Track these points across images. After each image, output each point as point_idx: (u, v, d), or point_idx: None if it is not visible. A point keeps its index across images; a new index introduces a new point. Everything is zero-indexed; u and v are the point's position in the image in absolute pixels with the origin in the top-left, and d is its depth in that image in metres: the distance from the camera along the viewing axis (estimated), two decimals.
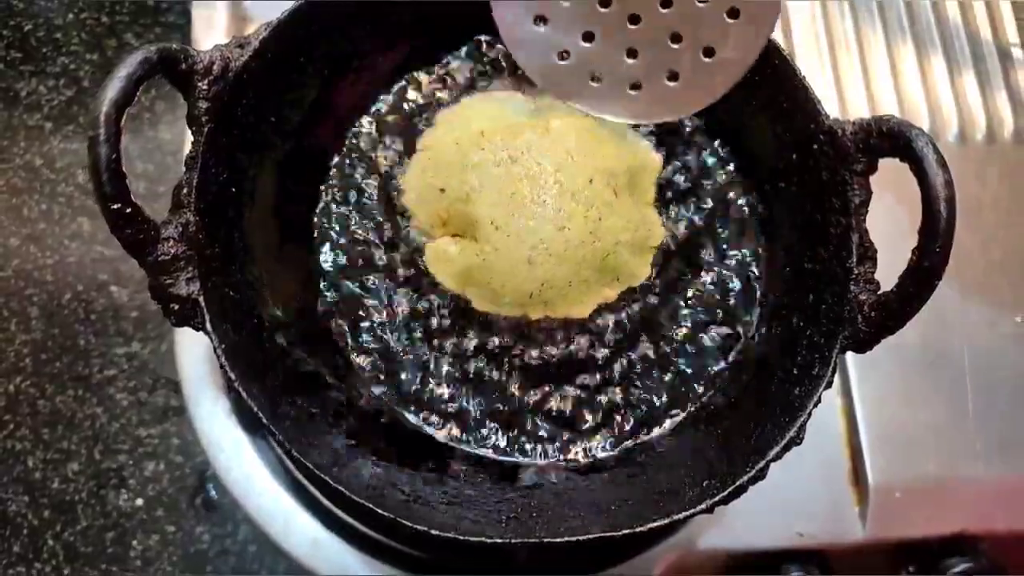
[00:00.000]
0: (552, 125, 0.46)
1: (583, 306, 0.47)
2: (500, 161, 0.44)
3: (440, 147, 0.47)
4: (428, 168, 0.47)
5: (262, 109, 0.44)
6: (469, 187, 0.44)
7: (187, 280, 0.38)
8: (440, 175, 0.46)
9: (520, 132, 0.45)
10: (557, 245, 0.44)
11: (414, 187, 0.48)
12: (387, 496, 0.39)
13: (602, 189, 0.45)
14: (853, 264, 0.40)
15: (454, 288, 0.47)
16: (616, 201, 0.46)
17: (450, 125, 0.49)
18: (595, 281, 0.46)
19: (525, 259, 0.44)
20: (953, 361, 0.60)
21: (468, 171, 0.45)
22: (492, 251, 0.44)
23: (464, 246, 0.46)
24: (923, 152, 0.36)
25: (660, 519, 0.37)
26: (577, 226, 0.44)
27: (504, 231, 0.44)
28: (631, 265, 0.47)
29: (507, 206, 0.44)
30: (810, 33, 0.68)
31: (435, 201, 0.46)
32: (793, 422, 0.39)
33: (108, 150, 0.34)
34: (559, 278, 0.45)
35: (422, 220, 0.47)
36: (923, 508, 0.57)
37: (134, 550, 0.64)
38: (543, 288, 0.45)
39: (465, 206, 0.45)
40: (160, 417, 0.66)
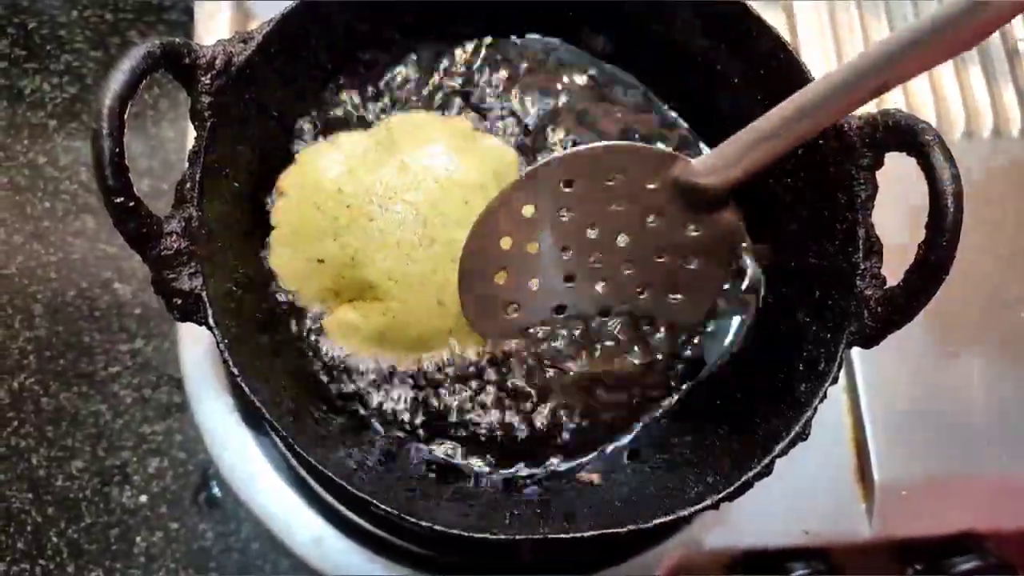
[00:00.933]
0: (405, 160, 0.44)
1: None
2: (371, 214, 0.43)
3: (300, 217, 0.44)
4: (296, 243, 0.44)
5: (265, 104, 0.44)
6: (352, 250, 0.43)
7: (190, 275, 0.38)
8: (313, 247, 0.44)
9: (378, 176, 0.43)
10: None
11: (287, 266, 0.44)
12: (391, 492, 0.39)
13: (480, 205, 0.43)
14: (859, 259, 0.40)
15: (370, 353, 0.44)
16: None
17: (300, 189, 0.45)
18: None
19: (435, 302, 0.43)
20: (960, 357, 0.59)
21: (343, 234, 0.43)
22: (399, 306, 0.43)
23: (366, 310, 0.44)
24: (930, 146, 0.36)
25: (665, 516, 0.37)
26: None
27: (404, 282, 0.42)
28: None
29: (397, 256, 0.42)
30: (816, 27, 0.67)
31: (317, 275, 0.44)
32: (799, 418, 0.38)
33: (111, 143, 0.34)
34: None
35: (309, 297, 0.45)
36: (929, 506, 0.56)
37: (138, 547, 0.64)
38: (459, 320, 0.43)
39: (354, 271, 0.43)
40: (164, 414, 0.66)
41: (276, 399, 0.39)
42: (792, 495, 0.56)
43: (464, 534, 0.36)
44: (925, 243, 0.35)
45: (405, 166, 0.44)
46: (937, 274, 0.35)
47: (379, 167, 0.44)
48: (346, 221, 0.43)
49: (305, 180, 0.45)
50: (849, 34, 0.67)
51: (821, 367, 0.39)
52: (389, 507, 0.36)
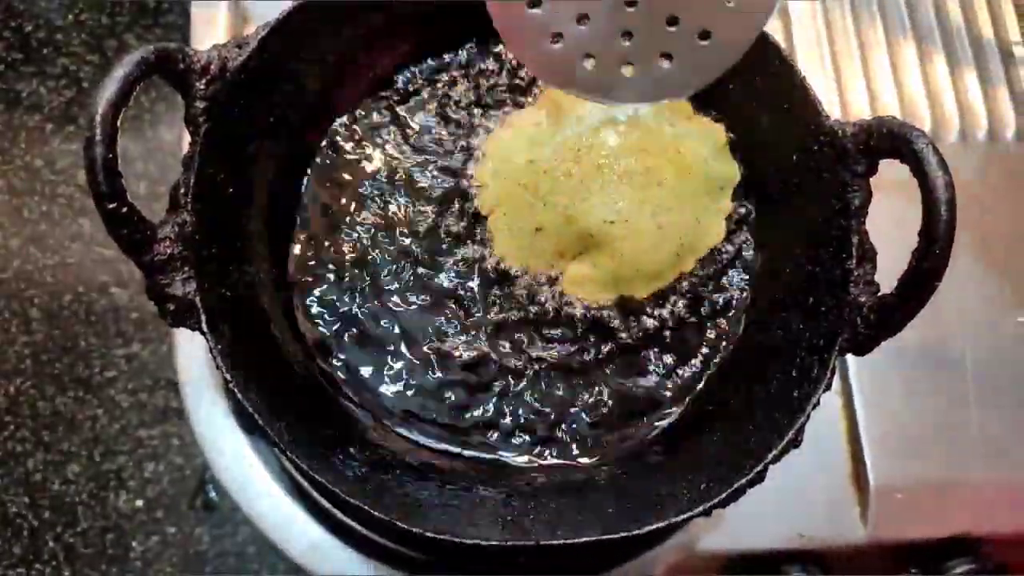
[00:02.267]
0: (577, 114, 0.46)
1: (718, 229, 0.48)
2: (570, 171, 0.45)
3: (508, 199, 0.47)
4: (511, 223, 0.47)
5: (260, 109, 0.44)
6: (562, 208, 0.45)
7: (183, 280, 0.38)
8: (528, 219, 0.46)
9: (560, 137, 0.46)
10: (668, 198, 0.45)
11: (511, 246, 0.47)
12: (384, 498, 0.39)
13: (660, 128, 0.46)
14: (853, 266, 0.40)
15: (610, 297, 0.47)
16: (675, 129, 0.47)
17: (496, 175, 0.48)
18: (713, 202, 0.47)
19: (654, 228, 0.45)
20: (954, 361, 0.60)
21: (551, 198, 0.45)
22: (623, 243, 0.45)
23: (593, 259, 0.46)
24: (923, 153, 0.36)
25: (658, 522, 0.37)
26: (669, 172, 0.45)
27: (620, 220, 0.45)
28: (724, 170, 0.48)
29: (603, 198, 0.45)
30: (811, 32, 0.67)
31: (539, 243, 0.47)
32: (792, 424, 0.38)
33: (104, 150, 0.34)
34: (688, 222, 0.46)
35: (541, 266, 0.47)
36: (925, 509, 0.57)
37: (134, 551, 0.64)
38: (683, 240, 0.46)
39: (570, 227, 0.45)
40: (160, 418, 0.66)
41: (270, 405, 0.39)
42: (787, 498, 0.56)
43: (457, 540, 0.36)
44: (918, 250, 0.35)
45: (579, 118, 0.46)
46: (930, 281, 0.35)
47: (557, 130, 0.47)
48: (548, 186, 0.46)
49: (497, 165, 0.48)
50: (845, 42, 0.67)
51: (814, 374, 0.39)
52: (383, 514, 0.36)
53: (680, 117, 0.48)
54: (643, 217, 0.45)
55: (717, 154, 0.48)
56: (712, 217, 0.48)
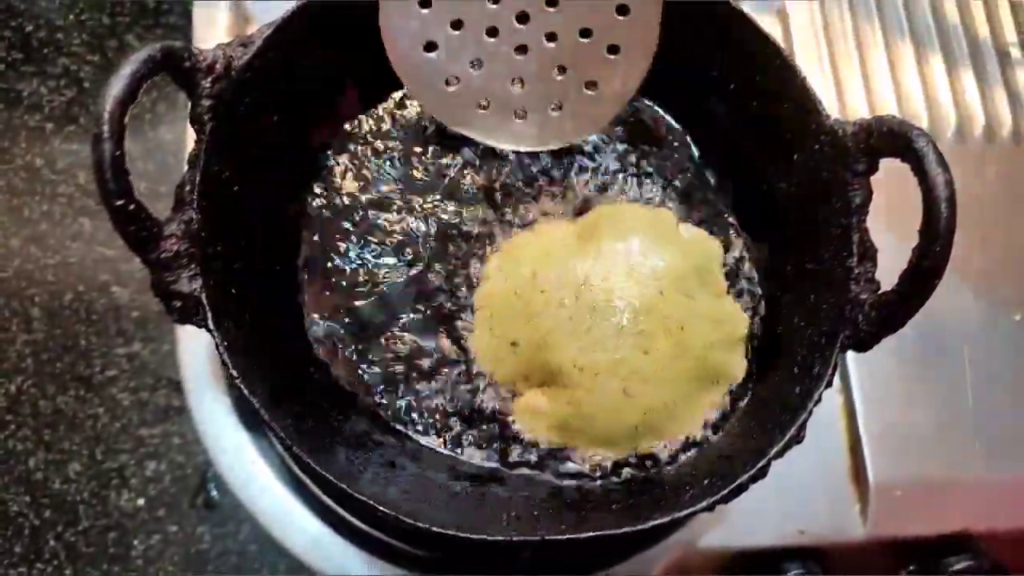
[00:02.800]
0: (603, 248, 0.44)
1: (693, 420, 0.45)
2: (564, 301, 0.43)
3: (499, 300, 0.46)
4: (494, 324, 0.46)
5: (265, 107, 0.44)
6: (542, 333, 0.43)
7: (189, 277, 0.38)
8: (508, 329, 0.45)
9: (573, 264, 0.44)
10: (648, 369, 0.42)
11: (485, 347, 0.46)
12: (388, 493, 0.39)
13: (675, 297, 0.43)
14: (854, 264, 0.40)
15: (554, 441, 0.44)
16: (693, 303, 0.44)
17: (502, 274, 0.46)
18: (696, 391, 0.44)
19: (620, 392, 0.42)
20: (954, 359, 0.60)
21: (536, 319, 0.43)
22: (585, 394, 0.43)
23: (552, 395, 0.44)
24: (924, 152, 0.36)
25: (660, 517, 0.37)
26: (662, 344, 0.43)
27: (590, 370, 0.42)
28: (727, 364, 0.45)
29: (585, 343, 0.42)
30: (809, 33, 0.68)
31: (510, 357, 0.45)
32: (793, 421, 0.39)
33: (112, 147, 0.34)
34: (661, 401, 0.43)
35: (501, 378, 0.45)
36: (924, 506, 0.57)
37: (136, 550, 0.64)
38: (647, 416, 0.43)
39: (542, 354, 0.43)
40: (161, 417, 0.66)
41: (275, 401, 0.39)
42: (787, 495, 0.56)
43: (461, 535, 0.36)
44: (918, 248, 0.36)
45: (601, 254, 0.44)
46: (931, 279, 0.36)
47: (576, 254, 0.45)
48: (539, 306, 0.44)
49: (505, 266, 0.46)
50: (843, 42, 0.68)
51: (816, 371, 0.40)
52: (388, 509, 0.37)
53: (707, 292, 0.46)
54: (614, 377, 0.42)
55: (728, 346, 0.45)
56: (691, 407, 0.45)
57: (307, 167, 0.49)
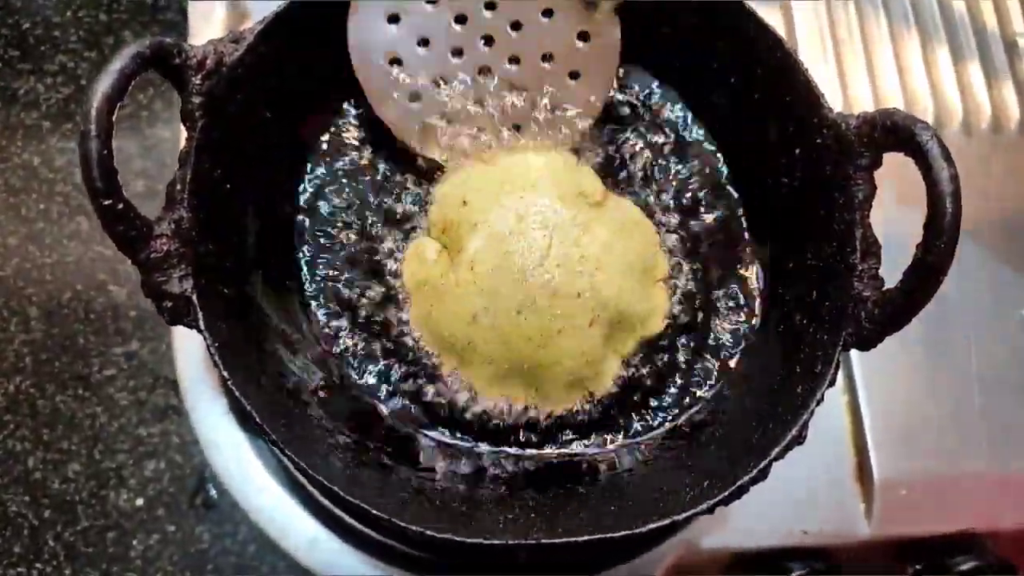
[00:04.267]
0: (595, 231, 0.44)
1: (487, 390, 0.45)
2: (523, 221, 0.43)
3: (490, 172, 0.46)
4: (469, 180, 0.46)
5: (257, 104, 0.43)
6: (483, 220, 0.44)
7: (180, 277, 0.38)
8: (473, 192, 0.45)
9: (565, 211, 0.44)
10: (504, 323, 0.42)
11: (448, 184, 0.47)
12: (384, 497, 0.39)
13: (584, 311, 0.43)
14: (857, 260, 0.39)
15: (407, 286, 0.45)
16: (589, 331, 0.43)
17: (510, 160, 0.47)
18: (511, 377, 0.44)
19: (470, 314, 0.43)
20: (959, 356, 0.59)
21: (495, 209, 0.44)
22: (452, 285, 0.43)
23: (440, 259, 0.45)
24: (928, 146, 0.35)
25: (659, 520, 0.36)
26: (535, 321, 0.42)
27: (473, 277, 0.43)
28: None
29: (495, 262, 0.43)
30: (813, 25, 0.67)
31: (451, 208, 0.45)
32: (795, 421, 0.38)
33: (99, 145, 0.34)
34: (487, 353, 0.43)
35: (431, 217, 0.46)
36: (929, 505, 0.56)
37: (135, 550, 0.64)
38: (467, 348, 0.43)
39: (466, 231, 0.44)
40: (160, 416, 0.66)
41: (268, 403, 0.39)
42: (791, 495, 0.55)
43: (457, 539, 0.36)
44: (923, 244, 0.35)
45: (589, 230, 0.44)
46: (935, 276, 0.35)
47: (573, 205, 0.45)
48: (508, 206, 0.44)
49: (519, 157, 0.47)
50: (847, 33, 0.67)
51: (818, 370, 0.39)
52: (382, 512, 0.36)
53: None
54: (473, 300, 0.43)
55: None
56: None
57: (300, 164, 0.48)
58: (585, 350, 0.43)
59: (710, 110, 0.50)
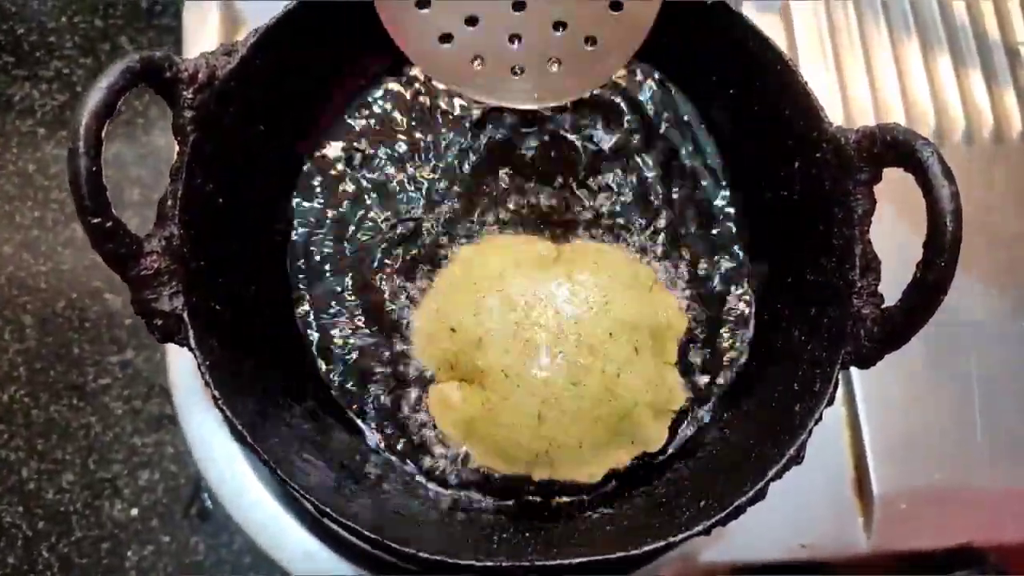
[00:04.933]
0: (574, 275, 0.44)
1: (592, 470, 0.44)
2: (517, 306, 0.43)
3: (456, 284, 0.45)
4: (442, 305, 0.45)
5: (249, 118, 0.43)
6: (483, 330, 0.43)
7: (171, 295, 0.37)
8: (453, 314, 0.44)
9: (542, 279, 0.44)
10: (570, 401, 0.42)
11: (424, 323, 0.45)
12: (375, 517, 0.38)
13: (623, 345, 0.43)
14: (856, 276, 0.39)
15: (455, 437, 0.44)
16: (637, 359, 0.43)
17: (469, 264, 0.46)
18: (607, 443, 0.43)
19: (535, 414, 0.42)
20: (959, 369, 0.59)
21: (483, 314, 0.43)
22: (500, 401, 0.42)
23: (469, 394, 0.43)
24: (928, 163, 0.35)
25: (655, 542, 0.36)
26: (594, 382, 0.42)
27: (514, 381, 0.42)
28: (649, 429, 0.44)
29: (520, 354, 0.42)
30: (814, 33, 0.66)
31: (444, 341, 0.44)
32: (793, 441, 0.38)
33: (88, 162, 0.33)
34: (570, 437, 0.42)
35: (428, 361, 0.45)
36: (929, 519, 0.56)
37: (129, 560, 0.63)
38: (551, 447, 0.42)
39: (475, 351, 0.43)
40: (154, 426, 0.65)
41: (259, 422, 0.38)
42: (790, 509, 0.55)
43: (450, 560, 0.35)
44: (923, 263, 0.34)
45: (571, 280, 0.44)
46: (935, 295, 0.35)
47: (547, 272, 0.45)
48: (490, 304, 0.43)
49: (475, 258, 0.46)
50: (848, 41, 0.66)
51: (816, 388, 0.39)
52: (374, 533, 0.36)
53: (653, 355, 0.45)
54: (534, 396, 0.42)
55: (656, 414, 0.44)
56: (595, 456, 0.44)
57: (293, 178, 0.48)
58: (650, 377, 0.44)
59: (709, 123, 0.49)
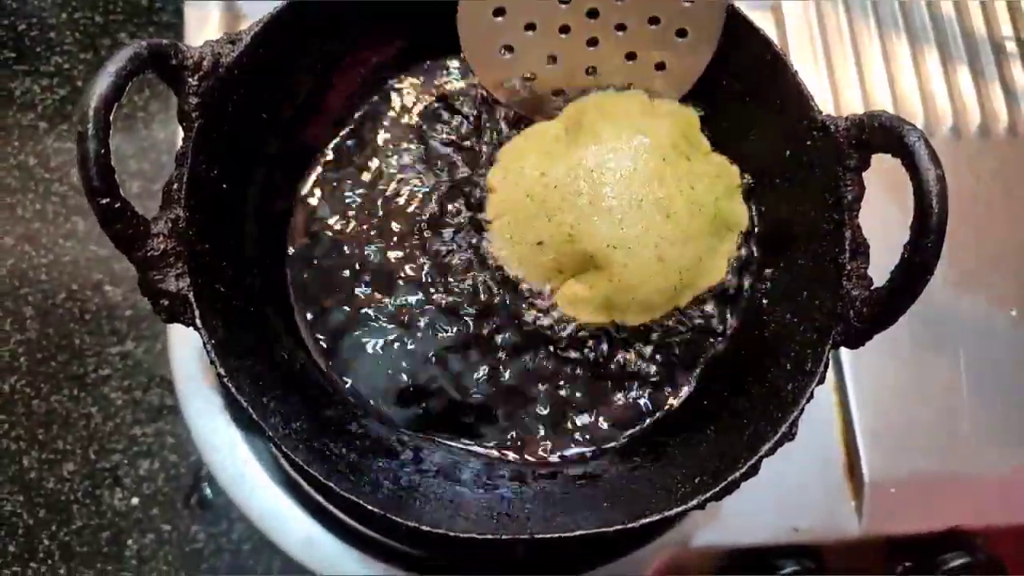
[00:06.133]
0: (600, 134, 0.46)
1: (719, 269, 0.47)
2: (579, 190, 0.44)
3: (514, 207, 0.47)
4: (514, 231, 0.47)
5: (253, 105, 0.44)
6: (567, 228, 0.44)
7: (176, 276, 0.38)
8: (530, 231, 0.46)
9: (576, 155, 0.45)
10: (673, 231, 0.44)
11: (510, 254, 0.47)
12: (378, 492, 0.39)
13: (678, 161, 0.45)
14: (846, 260, 0.40)
15: (602, 319, 0.46)
16: (692, 164, 0.46)
17: (506, 182, 0.47)
18: (718, 242, 0.47)
19: (655, 259, 0.44)
20: (948, 355, 0.60)
21: (555, 214, 0.45)
22: (622, 269, 0.44)
23: (591, 280, 0.45)
24: (915, 147, 0.36)
25: (652, 515, 0.37)
26: (680, 205, 0.44)
27: (623, 247, 0.44)
28: (734, 212, 0.47)
29: (610, 223, 0.44)
30: (804, 28, 0.68)
31: (539, 256, 0.46)
32: (785, 418, 0.39)
33: (97, 145, 0.34)
34: (691, 258, 0.45)
35: (537, 278, 0.47)
36: (919, 503, 0.57)
37: (129, 549, 0.64)
38: (682, 275, 0.45)
39: (572, 246, 0.45)
40: (155, 416, 0.66)
41: (264, 399, 0.39)
42: (782, 493, 0.56)
43: (451, 534, 0.36)
44: (910, 244, 0.36)
45: (600, 140, 0.45)
46: (922, 275, 0.36)
47: (574, 147, 0.46)
48: (556, 202, 0.45)
49: (508, 173, 0.47)
50: (837, 34, 0.68)
51: (807, 367, 0.40)
52: (376, 508, 0.36)
53: (698, 153, 0.48)
54: (646, 247, 0.44)
55: (730, 196, 0.47)
56: (715, 257, 0.47)
57: (296, 163, 0.48)
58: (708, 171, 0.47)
59: (698, 112, 0.50)
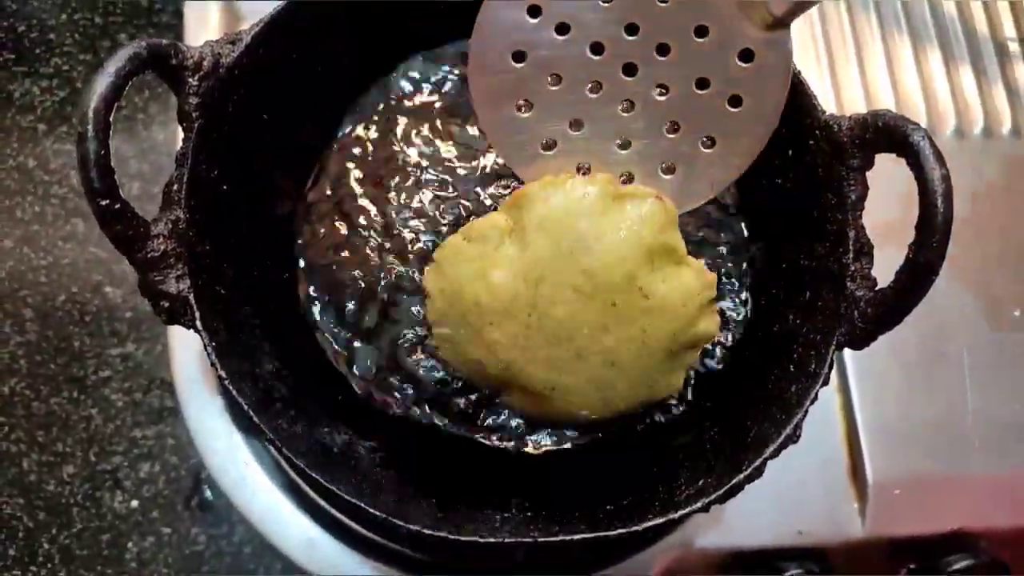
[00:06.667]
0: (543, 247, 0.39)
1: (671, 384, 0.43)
2: (515, 331, 0.40)
3: (453, 322, 0.42)
4: (456, 346, 0.43)
5: (253, 105, 0.43)
6: (505, 363, 0.41)
7: (177, 277, 0.38)
8: (470, 349, 0.42)
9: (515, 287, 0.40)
10: (618, 377, 0.41)
11: (454, 359, 0.44)
12: (380, 496, 0.39)
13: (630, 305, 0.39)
14: (849, 260, 0.40)
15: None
16: (649, 303, 0.40)
17: (443, 296, 0.42)
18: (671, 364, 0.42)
19: (599, 400, 0.42)
20: (952, 356, 0.59)
21: (494, 347, 0.41)
22: (563, 403, 0.42)
23: (533, 400, 0.44)
24: (920, 147, 0.36)
25: (655, 518, 0.37)
26: (625, 353, 0.40)
27: (561, 389, 0.42)
28: (703, 330, 0.42)
29: (548, 369, 0.41)
30: (806, 28, 0.67)
31: (482, 369, 0.43)
32: (789, 420, 0.38)
33: (97, 146, 0.34)
34: (640, 391, 0.42)
35: (483, 384, 0.45)
36: (923, 505, 0.57)
37: (130, 552, 0.63)
38: (629, 404, 0.43)
39: (512, 375, 0.42)
40: (155, 418, 0.65)
41: (265, 403, 0.39)
42: (785, 495, 0.56)
43: (451, 537, 0.36)
44: (915, 244, 0.35)
45: (539, 258, 0.39)
46: (927, 275, 0.35)
47: (516, 264, 0.40)
48: (493, 335, 0.41)
49: (445, 286, 0.42)
50: (839, 34, 0.67)
51: (811, 369, 0.39)
52: (378, 511, 0.36)
53: (670, 263, 0.40)
54: (587, 393, 0.42)
55: (699, 315, 0.41)
56: (671, 376, 0.43)
57: (297, 165, 0.48)
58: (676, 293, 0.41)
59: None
